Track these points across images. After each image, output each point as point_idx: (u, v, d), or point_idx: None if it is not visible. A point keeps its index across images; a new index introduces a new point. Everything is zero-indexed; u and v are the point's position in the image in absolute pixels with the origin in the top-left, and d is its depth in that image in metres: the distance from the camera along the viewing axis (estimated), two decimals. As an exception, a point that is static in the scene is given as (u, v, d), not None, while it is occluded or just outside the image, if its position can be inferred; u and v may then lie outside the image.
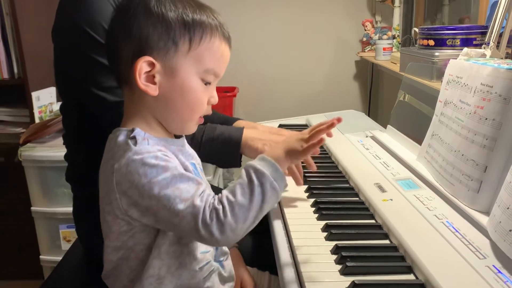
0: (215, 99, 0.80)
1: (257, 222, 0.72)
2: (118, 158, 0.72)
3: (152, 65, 0.73)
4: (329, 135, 0.79)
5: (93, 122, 1.05)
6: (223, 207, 0.69)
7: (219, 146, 1.04)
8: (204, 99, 0.78)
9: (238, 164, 1.07)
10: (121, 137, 0.74)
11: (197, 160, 0.85)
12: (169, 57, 0.74)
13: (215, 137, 1.05)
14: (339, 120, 0.77)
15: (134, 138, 0.73)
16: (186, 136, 0.86)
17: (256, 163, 0.74)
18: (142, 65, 0.73)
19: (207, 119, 1.14)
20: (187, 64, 0.75)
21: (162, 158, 0.71)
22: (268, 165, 0.73)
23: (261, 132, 1.09)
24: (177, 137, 0.83)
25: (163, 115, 0.77)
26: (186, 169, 0.77)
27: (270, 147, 0.79)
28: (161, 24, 0.73)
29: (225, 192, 0.72)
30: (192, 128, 0.81)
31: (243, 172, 0.73)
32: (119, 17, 0.76)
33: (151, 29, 0.73)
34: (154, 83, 0.74)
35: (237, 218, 0.69)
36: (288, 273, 0.76)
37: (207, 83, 0.77)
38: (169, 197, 0.69)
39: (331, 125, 0.78)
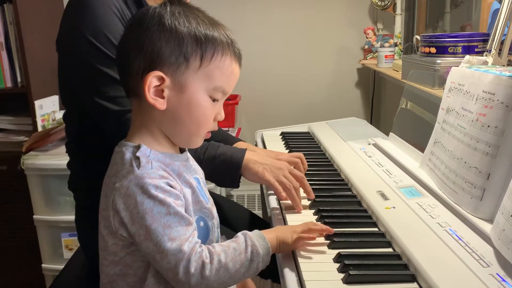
0: (221, 115, 0.81)
1: None
2: (120, 178, 0.73)
3: (161, 79, 0.74)
4: (330, 232, 0.84)
5: (96, 131, 1.05)
6: (212, 264, 0.71)
7: (220, 165, 1.05)
8: (211, 116, 0.79)
9: (236, 185, 1.07)
10: (127, 155, 0.75)
11: (200, 174, 0.86)
12: (179, 73, 0.74)
13: (217, 156, 1.05)
14: (331, 231, 0.83)
15: (138, 158, 0.73)
16: (189, 150, 0.86)
17: (256, 238, 0.77)
18: (152, 80, 0.73)
19: None
20: (197, 80, 0.75)
21: (162, 189, 0.71)
22: (264, 247, 0.76)
23: (262, 156, 1.09)
24: (181, 150, 0.83)
25: (170, 129, 0.78)
26: (190, 185, 0.78)
27: (265, 230, 0.81)
28: (173, 39, 0.73)
29: (218, 249, 0.73)
30: (198, 143, 0.82)
31: (241, 238, 0.76)
32: (132, 30, 0.77)
33: (163, 43, 0.73)
34: (163, 97, 0.74)
35: (217, 278, 0.71)
36: (291, 281, 0.75)
37: (214, 100, 0.78)
38: (158, 233, 0.70)
39: (326, 230, 0.83)
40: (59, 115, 2.13)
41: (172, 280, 0.72)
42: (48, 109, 2.07)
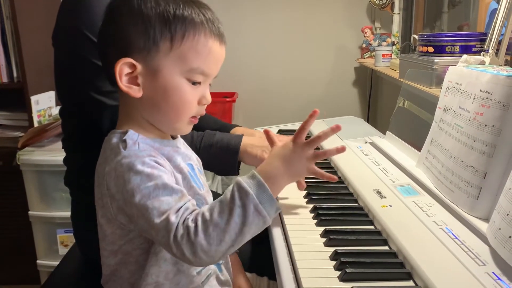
0: (207, 99, 0.77)
1: (238, 246, 0.67)
2: (109, 162, 0.72)
3: (133, 66, 0.72)
4: (342, 150, 0.79)
5: (93, 127, 1.04)
6: (196, 225, 0.65)
7: (217, 152, 1.04)
8: (192, 99, 0.75)
9: (236, 171, 1.06)
10: (114, 140, 0.74)
11: (195, 161, 0.84)
12: (150, 58, 0.72)
13: (214, 143, 1.04)
14: (338, 127, 0.77)
15: (125, 141, 0.72)
16: (185, 140, 0.85)
17: (244, 179, 0.70)
18: (122, 67, 0.71)
19: (205, 125, 1.14)
20: (170, 64, 0.72)
21: (148, 164, 0.69)
22: (256, 185, 0.68)
23: (259, 139, 1.08)
24: (174, 137, 0.82)
25: (151, 116, 0.76)
26: (181, 171, 0.76)
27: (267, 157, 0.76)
28: (141, 23, 0.71)
29: (203, 209, 0.68)
30: (184, 129, 0.79)
31: (229, 187, 0.70)
32: (105, 19, 0.76)
33: (131, 28, 0.71)
34: (138, 85, 0.73)
35: (210, 239, 0.64)
36: (287, 278, 0.75)
37: (195, 83, 0.75)
38: (147, 207, 0.67)
39: (336, 128, 0.77)
40: (55, 110, 2.12)
41: (177, 258, 0.68)
42: (44, 104, 2.06)
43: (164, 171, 0.71)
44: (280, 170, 0.73)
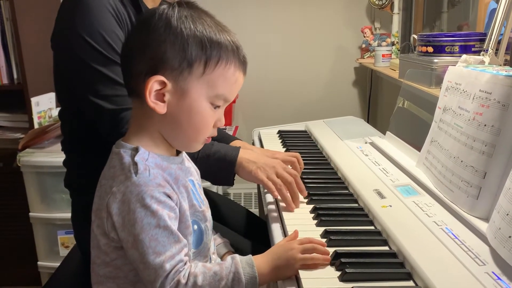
0: (221, 122, 0.80)
1: None
2: (118, 183, 0.73)
3: (163, 84, 0.73)
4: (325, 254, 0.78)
5: (92, 129, 1.05)
6: (186, 284, 0.70)
7: (214, 163, 1.05)
8: (211, 122, 0.78)
9: (231, 183, 1.07)
10: (126, 159, 0.74)
11: (195, 176, 0.86)
12: (181, 78, 0.73)
13: (211, 154, 1.05)
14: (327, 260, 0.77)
15: (136, 164, 0.73)
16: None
17: (243, 265, 0.74)
18: (154, 84, 0.72)
19: None
20: (199, 87, 0.74)
21: (157, 199, 0.71)
22: (250, 276, 0.73)
23: (255, 154, 1.09)
24: (177, 152, 0.83)
25: (169, 133, 0.78)
26: (185, 189, 0.78)
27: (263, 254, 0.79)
28: (178, 43, 0.72)
29: (198, 270, 0.72)
30: (196, 148, 0.81)
31: (227, 262, 0.74)
32: (138, 30, 0.76)
33: (168, 46, 0.72)
34: (163, 102, 0.74)
35: None
36: (287, 279, 0.75)
37: (216, 107, 0.77)
38: (144, 243, 0.70)
39: (325, 253, 0.77)
40: (56, 112, 2.12)
41: None
42: (45, 106, 2.07)
43: (169, 206, 0.73)
44: (272, 275, 0.76)
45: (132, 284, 0.76)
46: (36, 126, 2.00)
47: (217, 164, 1.05)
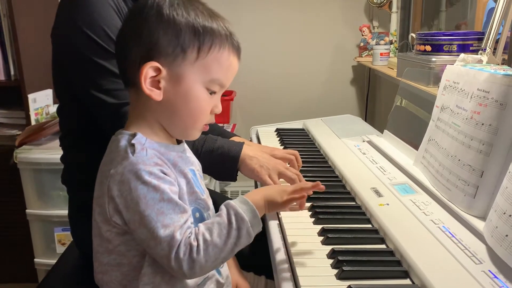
0: (219, 108, 0.80)
1: (225, 261, 0.74)
2: (115, 165, 0.72)
3: (158, 70, 0.73)
4: (321, 189, 0.85)
5: (90, 125, 1.04)
6: (198, 245, 0.70)
7: (218, 158, 1.04)
8: (208, 108, 0.78)
9: (234, 178, 1.07)
10: (122, 142, 0.74)
11: (196, 166, 0.85)
12: (176, 64, 0.74)
13: (215, 149, 1.05)
14: (322, 188, 0.85)
15: (133, 145, 0.73)
16: (187, 143, 0.86)
17: (238, 205, 0.76)
18: (148, 70, 0.73)
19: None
20: (194, 72, 0.75)
21: (156, 175, 0.71)
22: (249, 211, 0.75)
23: (257, 151, 1.09)
24: (178, 142, 0.83)
25: (166, 120, 0.78)
26: (185, 176, 0.77)
27: (251, 192, 0.82)
28: (171, 30, 0.73)
29: (202, 229, 0.72)
30: (195, 135, 0.81)
31: (224, 210, 0.75)
32: (131, 19, 0.76)
33: (161, 33, 0.73)
34: (159, 88, 0.74)
35: (208, 257, 0.71)
36: (284, 277, 0.75)
37: (212, 93, 0.77)
38: (152, 219, 0.70)
39: (316, 186, 0.83)
40: (53, 109, 2.12)
41: (167, 267, 0.72)
42: (42, 103, 2.06)
43: (169, 181, 0.73)
44: (261, 203, 0.80)
45: (137, 270, 0.76)
46: (33, 122, 1.99)
47: (221, 159, 1.05)
